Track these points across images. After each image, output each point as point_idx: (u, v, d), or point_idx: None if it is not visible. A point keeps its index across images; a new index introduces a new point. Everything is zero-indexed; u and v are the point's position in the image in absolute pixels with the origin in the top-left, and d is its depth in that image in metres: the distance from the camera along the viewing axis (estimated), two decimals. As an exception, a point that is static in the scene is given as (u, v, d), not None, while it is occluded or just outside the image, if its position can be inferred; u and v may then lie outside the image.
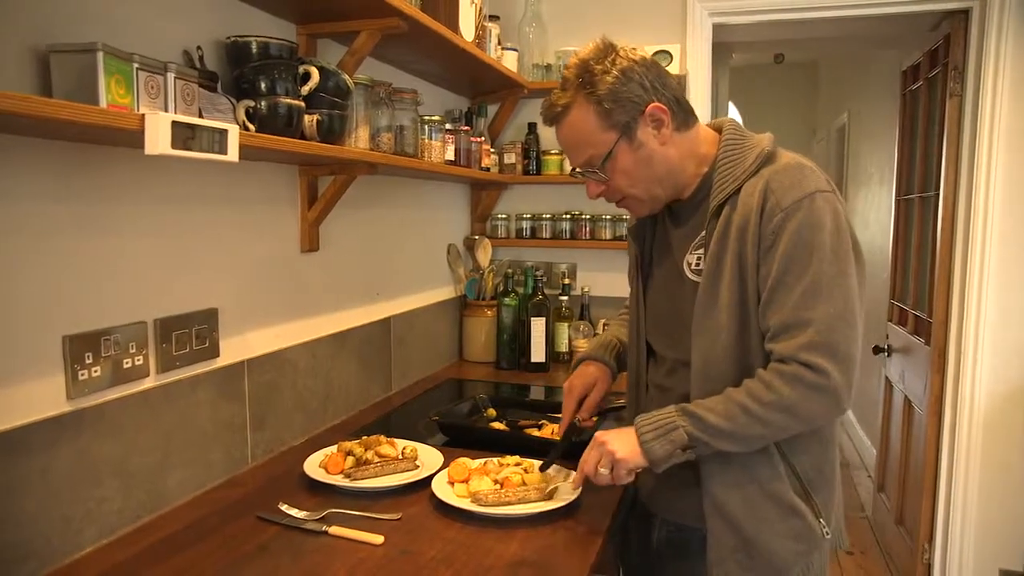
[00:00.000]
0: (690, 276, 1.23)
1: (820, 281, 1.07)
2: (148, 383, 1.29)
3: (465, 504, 1.32)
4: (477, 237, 2.81)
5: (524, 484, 1.37)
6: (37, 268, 1.10)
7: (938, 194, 2.61)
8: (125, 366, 1.23)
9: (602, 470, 1.19)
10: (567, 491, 1.37)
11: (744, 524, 1.15)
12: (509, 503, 1.32)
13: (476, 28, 2.16)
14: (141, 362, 1.26)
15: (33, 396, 1.09)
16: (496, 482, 1.38)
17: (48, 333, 1.11)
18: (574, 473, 1.43)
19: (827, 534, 1.18)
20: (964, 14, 2.45)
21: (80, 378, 1.15)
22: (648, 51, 2.55)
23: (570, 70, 1.19)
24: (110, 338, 1.20)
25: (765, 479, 1.15)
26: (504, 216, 2.89)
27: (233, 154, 1.15)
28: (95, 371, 1.17)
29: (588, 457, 1.22)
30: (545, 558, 1.16)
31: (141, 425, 1.27)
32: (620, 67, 1.15)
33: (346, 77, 1.55)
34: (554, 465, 1.43)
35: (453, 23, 1.96)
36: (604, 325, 2.70)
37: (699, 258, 1.21)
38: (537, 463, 1.46)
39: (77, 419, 1.15)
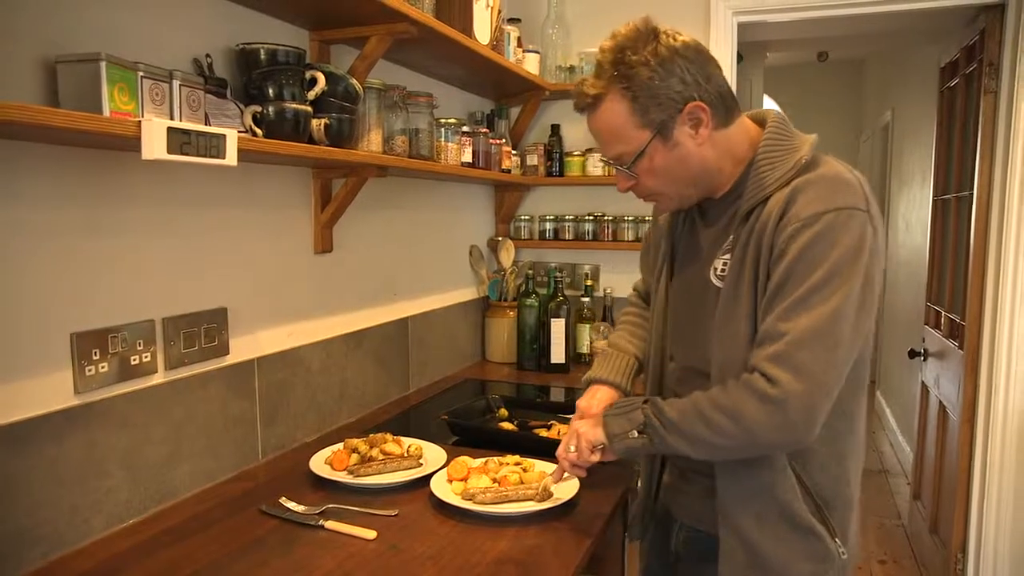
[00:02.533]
0: (715, 283, 1.17)
1: (810, 296, 1.00)
2: (156, 379, 1.34)
3: (460, 502, 1.34)
4: (500, 238, 2.83)
5: (521, 483, 1.38)
6: (47, 268, 1.15)
7: (972, 194, 2.52)
8: (132, 362, 1.28)
9: (571, 447, 1.22)
10: (561, 491, 1.38)
11: (757, 543, 1.11)
12: (501, 501, 1.33)
13: (493, 31, 2.18)
14: (149, 359, 1.31)
15: (42, 390, 1.15)
16: (494, 480, 1.39)
17: (56, 330, 1.17)
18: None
19: (843, 554, 1.12)
20: (1000, 8, 2.37)
21: (87, 373, 1.20)
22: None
23: (605, 54, 1.10)
24: (117, 335, 1.25)
25: (780, 498, 1.10)
26: (527, 217, 2.90)
27: (232, 158, 1.19)
28: (102, 367, 1.22)
29: (562, 441, 1.27)
30: (532, 557, 1.17)
31: (149, 419, 1.33)
32: (660, 58, 1.07)
33: (354, 82, 1.58)
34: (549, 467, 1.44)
35: (467, 27, 1.98)
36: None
37: (725, 263, 1.15)
38: (538, 463, 1.47)
39: (84, 413, 1.20)
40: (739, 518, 1.13)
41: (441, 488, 1.39)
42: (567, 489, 1.38)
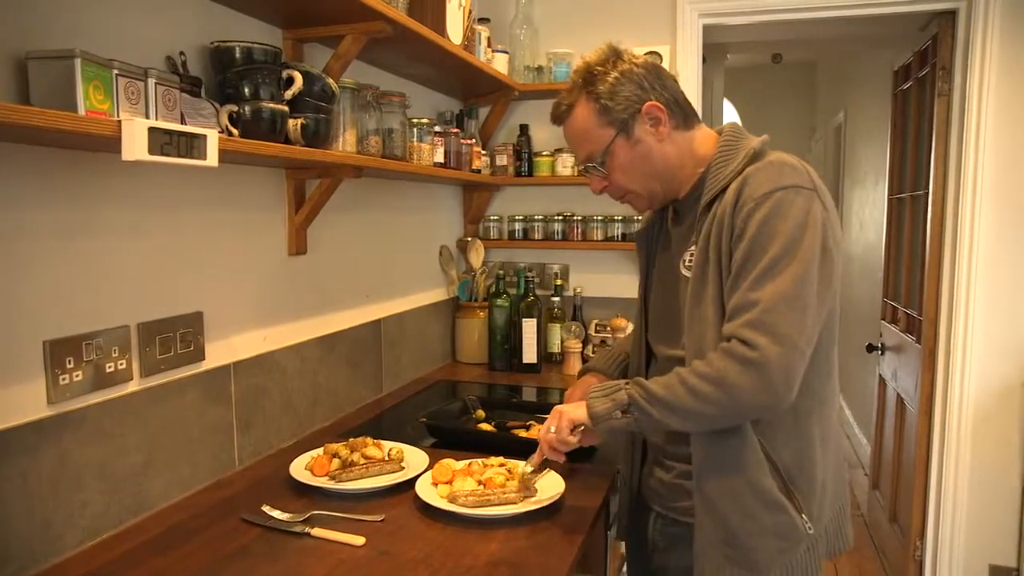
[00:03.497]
0: (684, 273, 1.26)
1: (773, 266, 1.08)
2: (132, 387, 1.30)
3: (447, 505, 1.33)
4: (469, 239, 2.82)
5: (506, 485, 1.38)
6: (18, 273, 1.10)
7: (927, 192, 2.61)
8: (108, 370, 1.24)
9: (552, 428, 1.26)
10: (547, 491, 1.38)
11: (730, 518, 1.17)
12: (488, 504, 1.32)
13: (464, 31, 2.17)
14: (124, 366, 1.27)
15: (13, 401, 1.10)
16: (479, 483, 1.39)
17: (29, 338, 1.12)
18: (556, 476, 1.44)
19: (809, 529, 1.19)
20: (951, 15, 2.46)
21: (61, 382, 1.15)
22: (638, 52, 2.59)
23: (576, 73, 1.27)
24: (92, 342, 1.21)
25: (752, 475, 1.16)
26: (496, 217, 2.90)
27: (212, 159, 1.16)
28: (76, 375, 1.18)
29: (544, 423, 1.30)
30: (524, 558, 1.17)
31: (125, 429, 1.28)
32: (620, 69, 1.23)
33: (330, 81, 1.55)
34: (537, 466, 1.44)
35: (440, 26, 1.97)
36: (597, 326, 2.71)
37: (692, 253, 1.24)
38: (521, 463, 1.46)
39: (58, 423, 1.16)
40: (712, 492, 1.18)
41: (427, 492, 1.38)
42: (552, 489, 1.39)
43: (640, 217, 1.58)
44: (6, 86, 1.06)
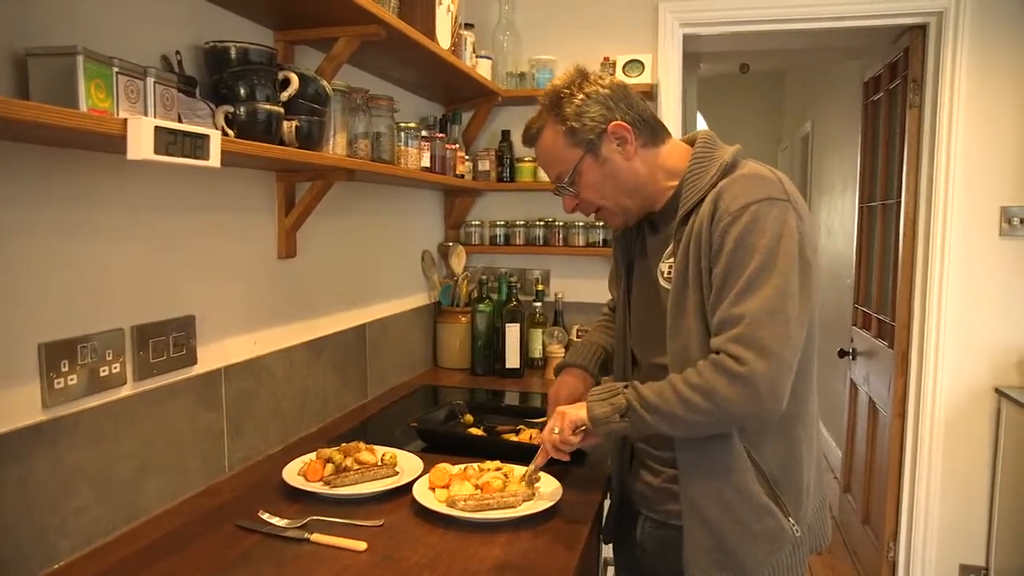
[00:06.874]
0: (663, 284, 1.29)
1: (754, 280, 1.11)
2: (125, 391, 1.27)
3: (446, 509, 1.33)
4: (451, 244, 2.82)
5: (504, 488, 1.38)
6: (11, 274, 1.08)
7: (900, 201, 2.69)
8: (102, 374, 1.21)
9: (555, 429, 1.29)
10: (546, 494, 1.39)
11: (719, 525, 1.19)
12: (488, 508, 1.32)
13: (452, 36, 2.17)
14: (118, 370, 1.25)
15: (8, 405, 1.07)
16: (476, 487, 1.39)
17: (23, 341, 1.09)
18: (551, 479, 1.45)
19: (796, 532, 1.22)
20: (922, 28, 2.54)
21: (56, 386, 1.13)
22: (620, 60, 2.63)
23: (544, 96, 1.31)
24: (87, 345, 1.18)
25: (738, 481, 1.18)
26: (478, 223, 2.90)
27: (215, 160, 1.14)
28: (71, 379, 1.15)
29: (547, 424, 1.33)
30: (529, 561, 1.17)
31: (118, 434, 1.26)
32: (586, 91, 1.25)
33: (325, 83, 1.55)
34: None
35: (430, 30, 1.97)
36: (579, 331, 2.72)
37: (671, 266, 1.26)
38: (517, 468, 1.46)
39: (53, 428, 1.13)
40: (699, 498, 1.20)
41: (425, 496, 1.37)
42: (551, 493, 1.40)
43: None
44: (5, 83, 1.03)
